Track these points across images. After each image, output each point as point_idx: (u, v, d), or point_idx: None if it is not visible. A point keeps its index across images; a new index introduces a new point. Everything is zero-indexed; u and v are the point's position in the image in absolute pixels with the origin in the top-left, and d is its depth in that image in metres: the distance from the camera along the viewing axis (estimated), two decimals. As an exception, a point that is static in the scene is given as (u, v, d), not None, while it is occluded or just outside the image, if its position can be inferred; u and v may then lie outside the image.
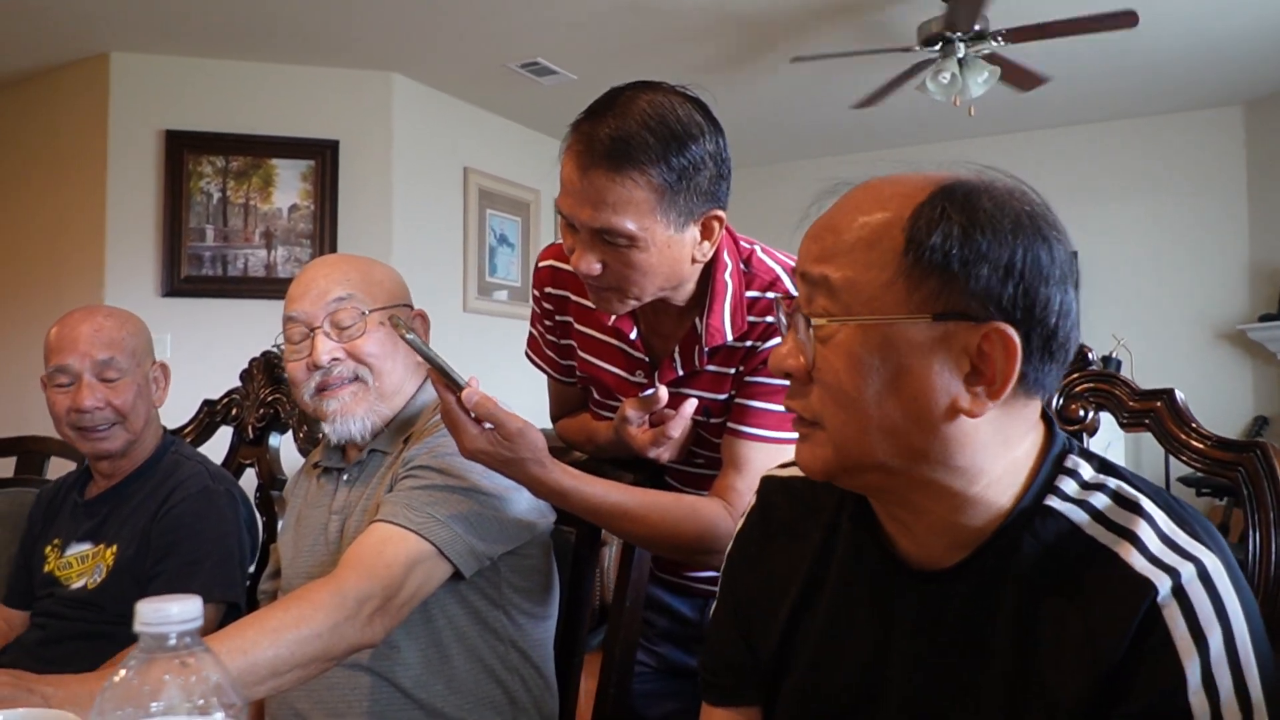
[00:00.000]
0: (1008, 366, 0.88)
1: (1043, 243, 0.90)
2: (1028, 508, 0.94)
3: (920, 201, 0.91)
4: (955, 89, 4.58)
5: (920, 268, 0.89)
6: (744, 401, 1.58)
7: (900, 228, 0.90)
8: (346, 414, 1.62)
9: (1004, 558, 0.93)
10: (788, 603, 1.10)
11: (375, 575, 1.40)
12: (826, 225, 0.96)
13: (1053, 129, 6.86)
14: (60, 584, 2.03)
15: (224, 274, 5.30)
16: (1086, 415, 1.54)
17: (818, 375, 0.94)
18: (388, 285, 1.70)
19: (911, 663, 0.98)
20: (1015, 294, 0.88)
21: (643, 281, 1.48)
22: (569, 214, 1.46)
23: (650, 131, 1.39)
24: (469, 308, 6.12)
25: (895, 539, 1.02)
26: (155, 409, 2.14)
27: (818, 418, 0.95)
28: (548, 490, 1.46)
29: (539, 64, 5.47)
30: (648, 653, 1.89)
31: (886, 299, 0.90)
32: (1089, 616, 0.87)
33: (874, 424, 0.91)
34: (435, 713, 1.55)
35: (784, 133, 6.86)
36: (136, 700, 0.71)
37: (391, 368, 1.65)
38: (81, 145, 5.31)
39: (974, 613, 0.94)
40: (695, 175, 1.42)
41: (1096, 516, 0.92)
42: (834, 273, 0.92)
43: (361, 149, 5.52)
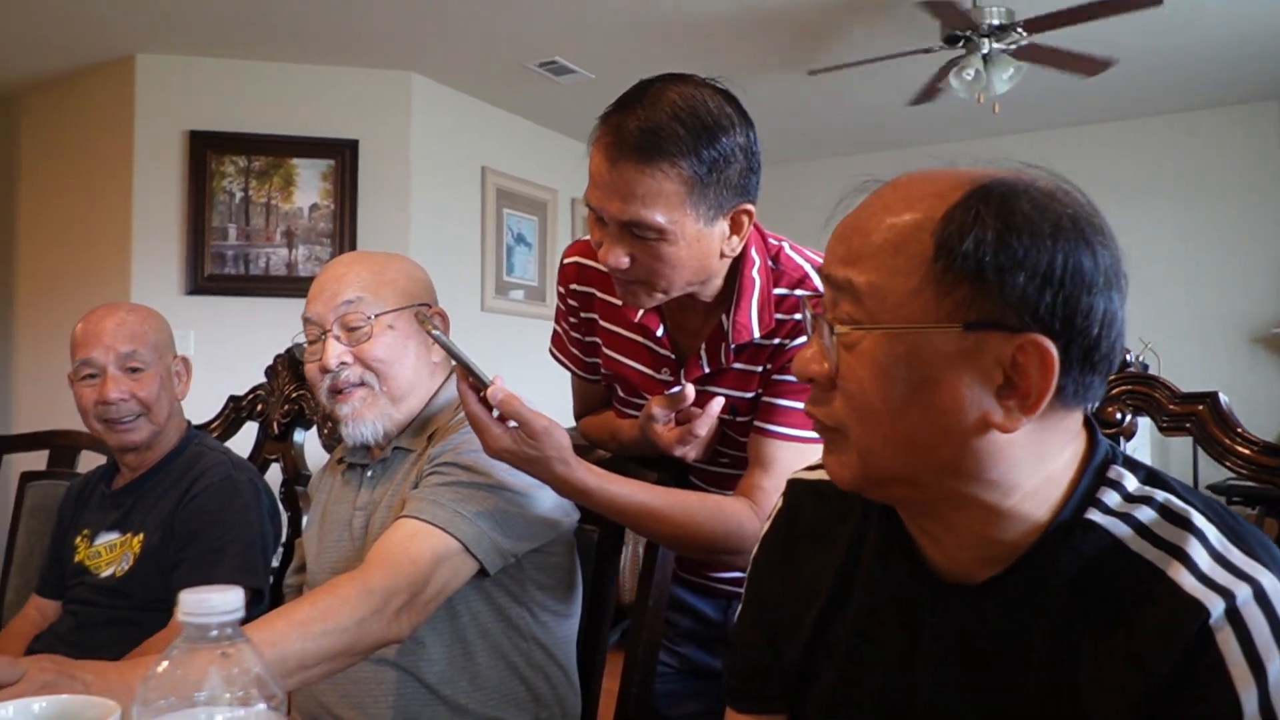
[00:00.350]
0: (1043, 380, 0.83)
1: (1085, 248, 0.84)
2: (1066, 521, 0.89)
3: (953, 203, 0.86)
4: (980, 85, 4.52)
5: (951, 274, 0.84)
6: (771, 400, 1.57)
7: (930, 231, 0.85)
8: (358, 418, 1.63)
9: (1041, 574, 0.89)
10: (814, 609, 1.07)
11: (402, 571, 1.41)
12: (853, 226, 0.91)
13: (1080, 126, 6.77)
14: (90, 573, 2.07)
15: (246, 272, 5.32)
16: (1124, 419, 1.49)
17: (841, 383, 0.90)
18: (402, 285, 1.68)
19: (940, 678, 0.94)
20: (1054, 303, 0.83)
21: (671, 275, 1.47)
22: (597, 206, 1.45)
23: (680, 123, 1.38)
24: (486, 307, 6.13)
25: (925, 550, 0.98)
26: (177, 402, 2.17)
27: (841, 426, 0.92)
28: (572, 489, 1.45)
29: (557, 63, 5.47)
30: (670, 653, 1.89)
31: (914, 306, 0.85)
32: (1133, 638, 0.82)
33: (899, 436, 0.87)
34: (459, 708, 1.56)
35: (809, 131, 6.85)
36: (179, 690, 0.72)
37: (399, 371, 1.64)
38: (108, 146, 5.35)
39: (1008, 630, 0.90)
40: (725, 168, 1.41)
41: (1142, 531, 0.87)
42: (859, 277, 0.88)
43: (381, 148, 5.54)
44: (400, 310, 1.65)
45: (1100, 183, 7.00)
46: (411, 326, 1.65)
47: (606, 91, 1.51)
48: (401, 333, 1.64)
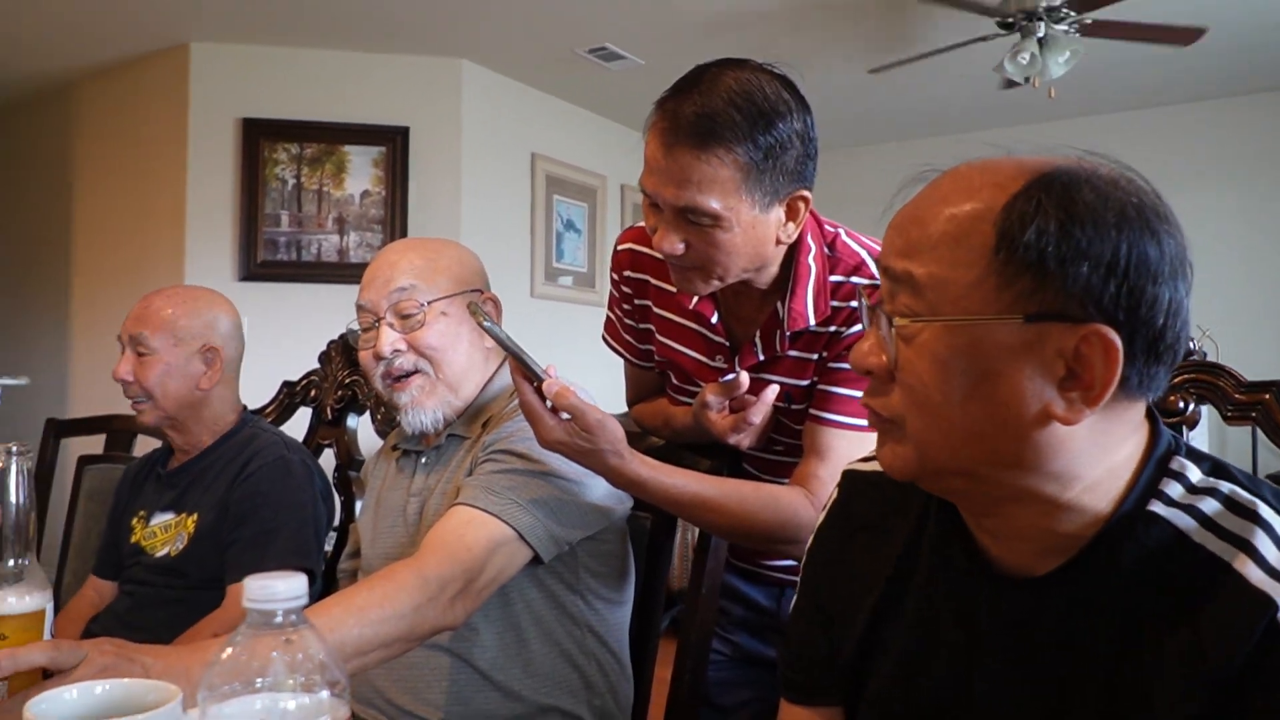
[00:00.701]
0: (1107, 372, 0.81)
1: (1150, 236, 0.82)
2: (1129, 513, 0.87)
3: (1014, 193, 0.84)
4: (1034, 69, 4.43)
5: (1012, 266, 0.82)
6: (827, 388, 1.56)
7: (991, 222, 0.84)
8: (418, 406, 1.63)
9: (1102, 567, 0.87)
10: (870, 602, 1.06)
11: (457, 558, 1.41)
12: (912, 217, 0.90)
13: (1134, 111, 6.67)
14: (146, 553, 2.10)
15: (298, 259, 5.37)
16: (1187, 407, 1.45)
17: (900, 375, 0.89)
18: (455, 271, 1.68)
19: (999, 673, 0.93)
20: (1118, 293, 0.81)
21: (726, 262, 1.46)
22: (652, 193, 1.44)
23: (737, 109, 1.37)
24: (536, 293, 6.14)
25: (984, 544, 0.96)
26: (200, 390, 2.13)
27: (898, 418, 0.91)
28: (626, 481, 1.45)
29: (607, 49, 5.46)
30: (723, 641, 1.89)
31: (974, 298, 0.84)
32: (1199, 633, 0.81)
33: (958, 429, 0.86)
34: (512, 695, 1.56)
35: (862, 116, 6.79)
36: (243, 675, 0.73)
37: (453, 358, 1.64)
38: (162, 134, 5.41)
39: (1068, 624, 0.89)
40: (782, 154, 1.40)
41: (1206, 523, 0.85)
42: (918, 269, 0.87)
43: (431, 135, 5.56)
44: (453, 297, 1.65)
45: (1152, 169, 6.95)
46: (465, 313, 1.64)
47: (656, 78, 1.49)
48: (455, 319, 1.64)
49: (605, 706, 1.63)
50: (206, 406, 2.16)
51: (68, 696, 0.89)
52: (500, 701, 1.56)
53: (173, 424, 2.15)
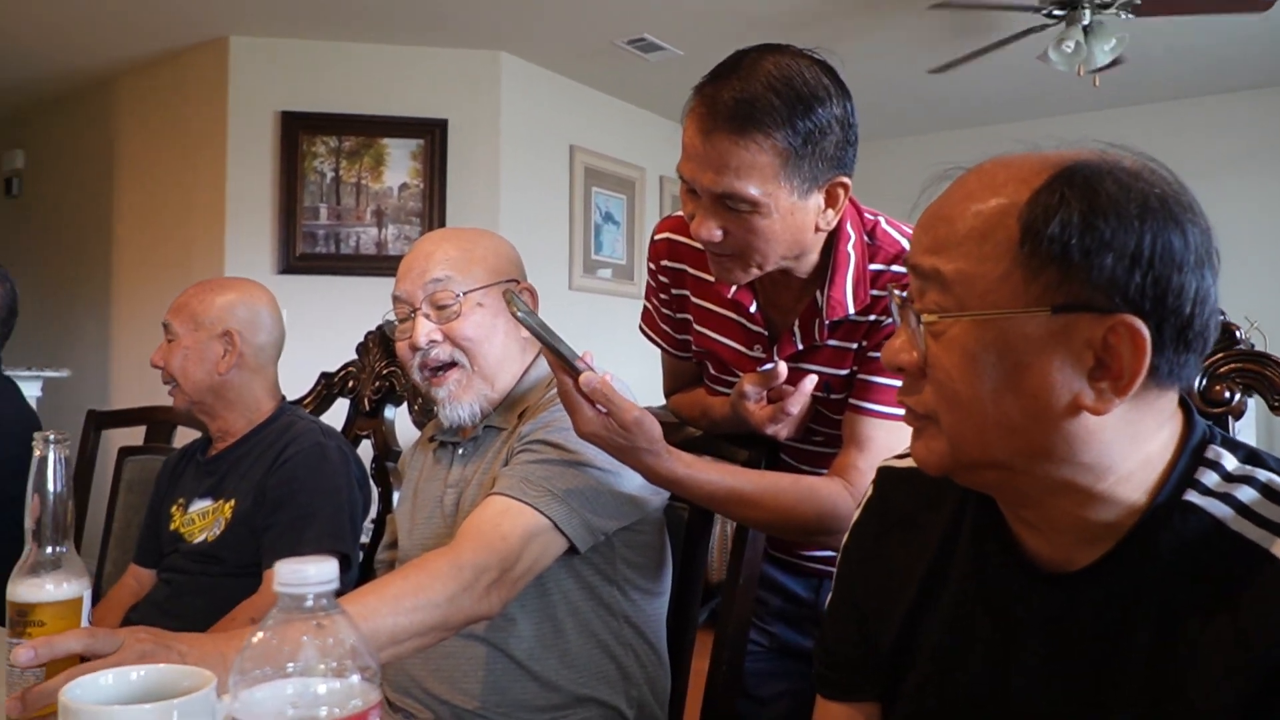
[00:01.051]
0: (1135, 361, 0.82)
1: (1175, 226, 0.84)
2: (1165, 503, 0.88)
3: (1037, 187, 0.85)
4: (1079, 58, 4.38)
5: (1038, 259, 0.83)
6: (867, 377, 1.54)
7: (1015, 216, 0.85)
8: (455, 400, 1.63)
9: (1139, 558, 0.88)
10: (907, 598, 1.07)
11: (492, 548, 1.41)
12: (938, 214, 0.91)
13: (1185, 99, 6.58)
14: (184, 540, 2.11)
15: (337, 251, 5.40)
16: (1233, 398, 1.42)
17: (931, 371, 0.90)
18: (491, 262, 1.68)
19: (1037, 667, 0.93)
20: (1144, 283, 0.82)
21: (765, 249, 1.44)
22: (690, 179, 1.43)
23: (776, 94, 1.36)
24: (574, 285, 6.15)
25: (1022, 538, 0.97)
26: (219, 374, 2.15)
27: (931, 413, 0.92)
28: (662, 480, 1.45)
29: (646, 40, 5.45)
30: (760, 632, 1.88)
31: (1002, 292, 0.85)
32: (1239, 619, 0.81)
33: (990, 422, 0.87)
34: (549, 685, 1.56)
35: (905, 107, 6.75)
36: (274, 660, 0.72)
37: (488, 349, 1.64)
38: (202, 127, 5.46)
39: (1107, 617, 0.89)
40: (821, 140, 1.38)
41: (1243, 511, 0.85)
42: (946, 265, 0.88)
43: (470, 127, 5.57)
44: (488, 287, 1.65)
45: (1199, 158, 6.85)
46: (501, 303, 1.64)
47: (696, 69, 1.48)
48: (490, 310, 1.64)
49: (642, 697, 1.62)
50: (232, 391, 2.17)
51: (103, 681, 0.90)
52: (537, 692, 1.55)
53: (201, 409, 2.19)
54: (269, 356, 2.23)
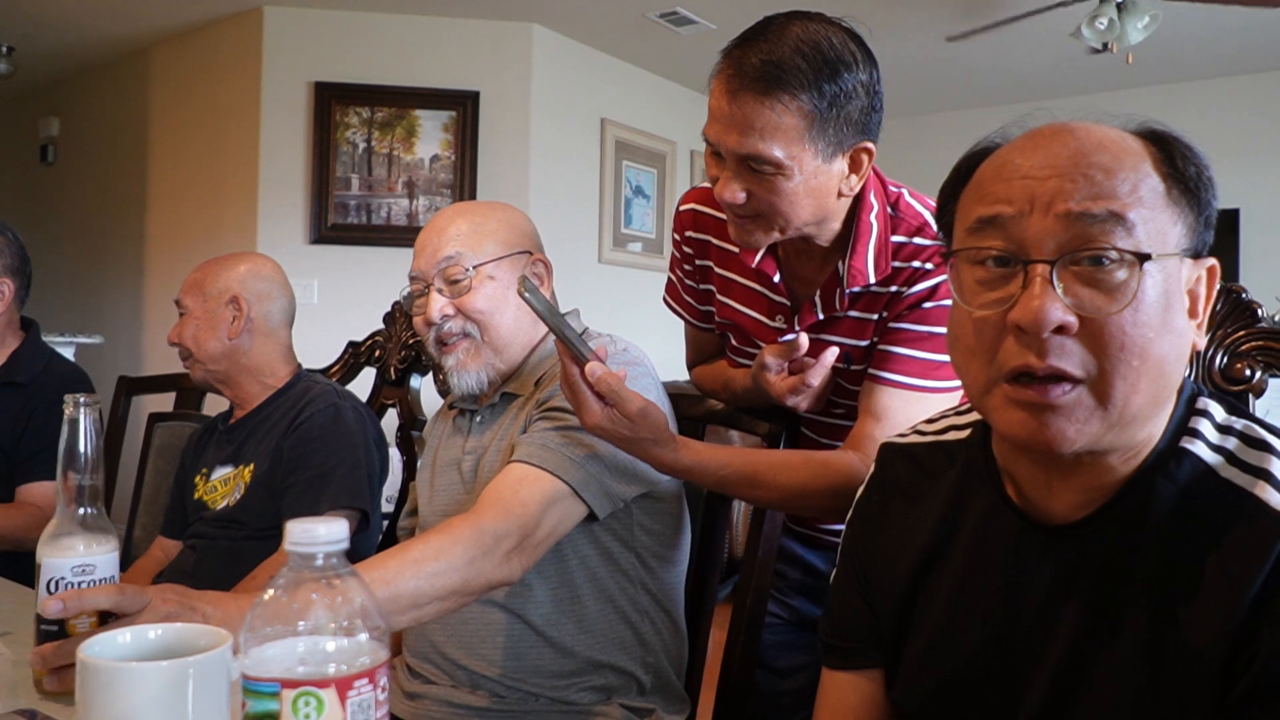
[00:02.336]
0: (1209, 301, 0.92)
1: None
2: (1165, 450, 0.93)
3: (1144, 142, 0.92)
4: (1113, 34, 4.34)
5: (1182, 205, 0.90)
6: (887, 348, 1.53)
7: (1157, 163, 0.90)
8: (463, 369, 1.65)
9: (1140, 504, 0.92)
10: (910, 563, 1.09)
11: (512, 514, 1.41)
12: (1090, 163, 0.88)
13: (1214, 79, 6.52)
14: (207, 507, 2.15)
15: (368, 222, 5.42)
16: (1254, 375, 1.40)
17: (1097, 323, 0.86)
18: (503, 235, 1.68)
19: (1047, 618, 0.96)
20: (1208, 236, 0.92)
21: (788, 212, 1.44)
22: (715, 140, 1.43)
23: (803, 57, 1.36)
24: (604, 259, 6.15)
25: (1029, 494, 0.99)
26: (230, 340, 2.19)
27: (1093, 370, 0.87)
28: (671, 469, 1.46)
29: (678, 13, 5.42)
30: (779, 604, 1.88)
31: (1166, 234, 0.88)
32: (1225, 557, 0.86)
33: (1154, 366, 0.87)
34: (566, 651, 1.57)
35: (937, 83, 6.69)
36: (285, 618, 0.73)
37: (500, 320, 1.64)
38: (236, 98, 5.49)
39: (1110, 563, 0.92)
40: (846, 104, 1.39)
41: (1229, 458, 0.91)
42: (1123, 208, 0.87)
43: (501, 100, 5.57)
44: (499, 260, 1.66)
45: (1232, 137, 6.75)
46: (513, 276, 1.65)
47: (727, 42, 1.48)
48: (502, 283, 1.65)
49: (659, 665, 1.63)
50: (245, 356, 2.21)
51: (121, 640, 0.91)
52: (554, 657, 1.56)
53: (218, 377, 2.23)
54: (279, 321, 2.26)
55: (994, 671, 1.00)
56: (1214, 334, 1.43)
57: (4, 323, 2.51)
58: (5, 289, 2.48)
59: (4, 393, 2.45)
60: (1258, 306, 1.43)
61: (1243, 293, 1.43)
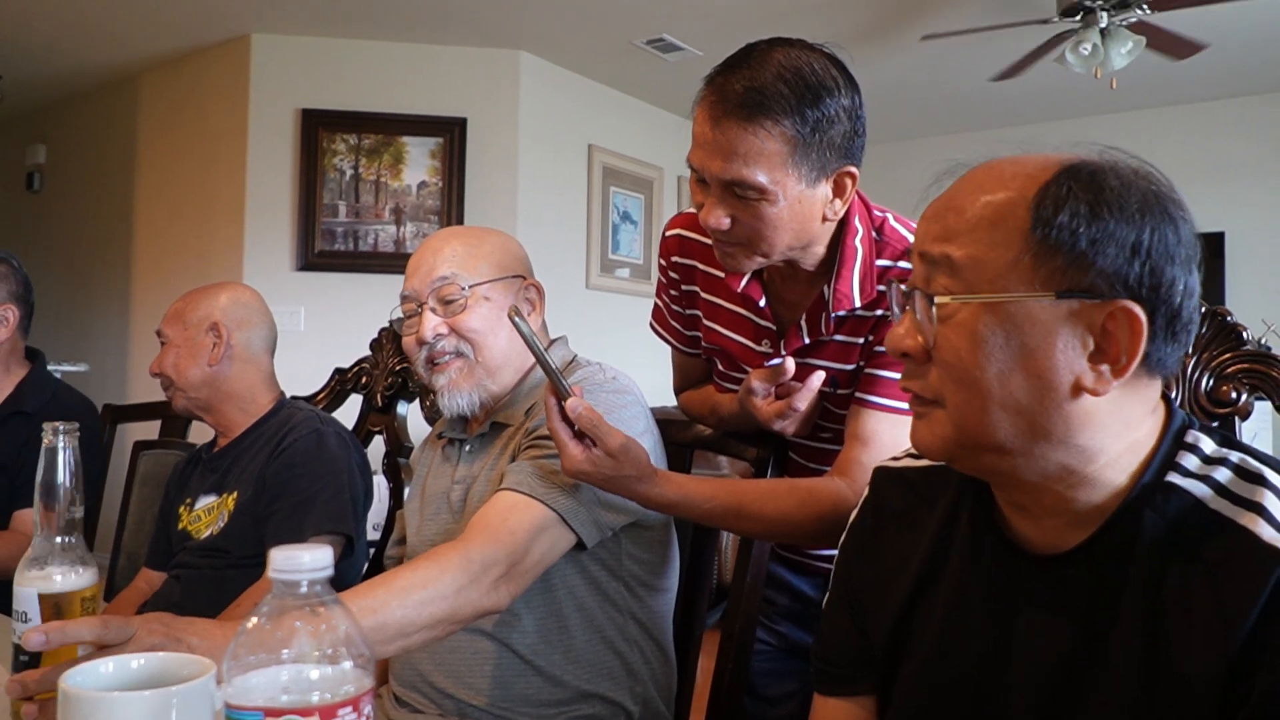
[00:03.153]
0: (1132, 345, 0.88)
1: (1169, 222, 0.90)
2: (1149, 484, 0.93)
3: (1046, 180, 0.91)
4: (1096, 60, 4.39)
5: (1046, 246, 0.88)
6: (873, 371, 1.53)
7: (1026, 206, 0.90)
8: (454, 388, 1.64)
9: (1127, 536, 0.92)
10: (903, 589, 1.10)
11: (500, 541, 1.41)
12: (948, 205, 0.95)
13: (1200, 103, 6.56)
14: (191, 537, 2.14)
15: (355, 249, 5.42)
16: (1239, 398, 1.42)
17: (938, 354, 0.94)
18: (498, 258, 1.69)
19: (1035, 649, 0.96)
20: (1142, 273, 0.88)
21: (772, 237, 1.45)
22: (699, 166, 1.44)
23: (785, 83, 1.37)
24: (592, 284, 6.16)
25: (1014, 523, 1.01)
26: (211, 366, 2.18)
27: (938, 397, 0.95)
28: (656, 504, 1.46)
29: (665, 40, 5.45)
30: (769, 631, 1.87)
31: (1011, 277, 0.89)
32: (1218, 590, 0.85)
33: (996, 402, 0.91)
34: (554, 680, 1.55)
35: (914, 108, 6.74)
36: (268, 646, 0.72)
37: (493, 342, 1.64)
38: (223, 124, 5.49)
39: (1098, 594, 0.93)
40: (829, 129, 1.40)
41: (1220, 491, 0.90)
42: (956, 251, 0.92)
43: (489, 126, 5.58)
44: (494, 282, 1.66)
45: (1217, 161, 6.79)
46: (506, 299, 1.65)
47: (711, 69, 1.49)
48: (497, 304, 1.65)
49: (647, 694, 1.62)
50: (225, 383, 2.21)
51: (103, 669, 0.89)
52: (542, 686, 1.55)
53: (199, 405, 2.23)
54: (260, 349, 2.26)
55: (984, 698, 1.00)
56: (1199, 356, 1.44)
57: (8, 350, 2.54)
58: (10, 315, 2.51)
59: (12, 422, 2.47)
60: (1243, 329, 1.45)
61: (1228, 315, 1.44)
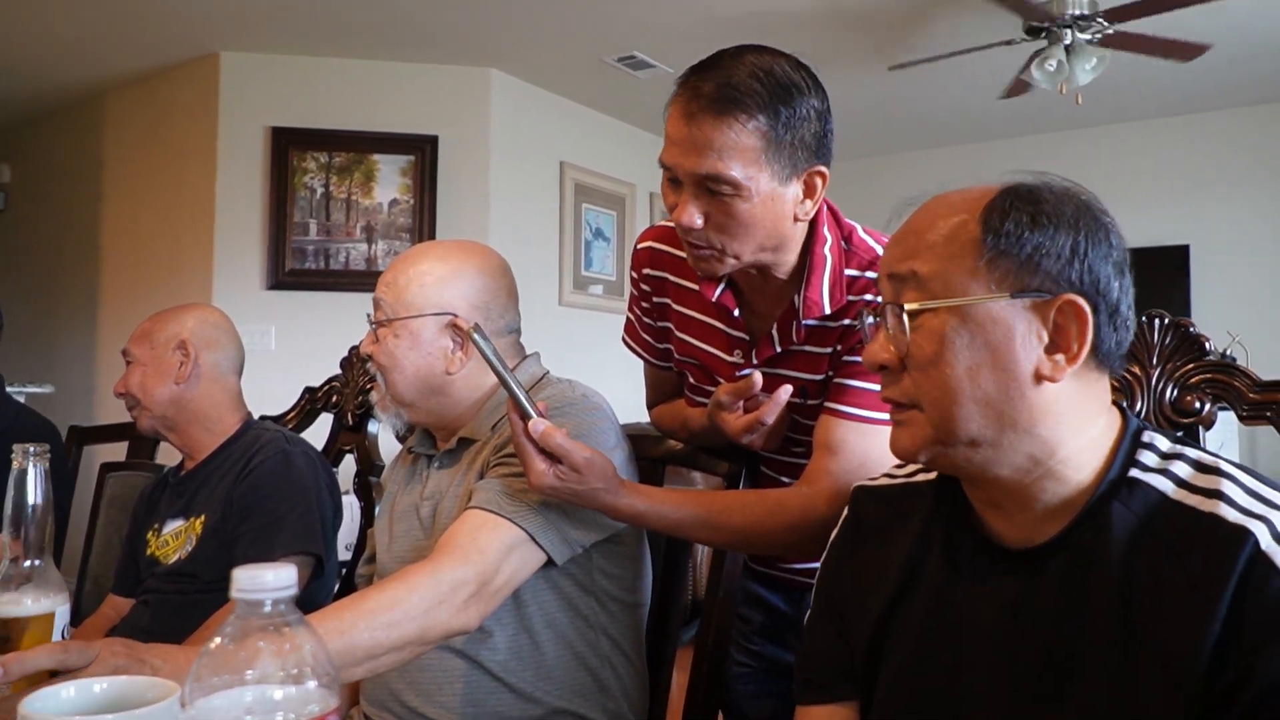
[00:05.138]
0: (1080, 334, 0.98)
1: (1100, 229, 1.02)
2: (1114, 480, 1.00)
3: (990, 199, 1.03)
4: (1062, 76, 4.44)
5: (997, 253, 1.00)
6: (842, 380, 1.54)
7: (976, 222, 1.02)
8: (380, 408, 1.69)
9: (1095, 529, 0.99)
10: (883, 594, 1.14)
11: (470, 561, 1.40)
12: (909, 230, 1.07)
13: (1164, 118, 6.61)
14: (160, 562, 2.12)
15: (326, 267, 5.39)
16: (1203, 408, 1.44)
17: (911, 360, 1.03)
18: (432, 294, 1.64)
19: (1015, 646, 1.01)
20: (1081, 271, 0.99)
21: (744, 235, 1.46)
22: (672, 164, 1.45)
23: (758, 80, 1.40)
24: (564, 301, 6.15)
25: (989, 521, 1.08)
26: (178, 385, 2.18)
27: (915, 399, 1.04)
28: (624, 517, 1.46)
29: (635, 58, 5.46)
30: (746, 653, 1.88)
31: (970, 283, 1.01)
32: (1190, 574, 0.91)
33: (968, 396, 1.00)
34: (525, 697, 1.55)
35: (888, 125, 6.75)
36: (232, 667, 0.71)
37: (397, 378, 1.64)
38: (192, 143, 5.45)
39: (1071, 586, 0.99)
40: (800, 127, 1.42)
41: (1181, 484, 0.98)
42: (921, 267, 1.03)
43: (460, 144, 5.57)
44: (409, 319, 1.63)
45: (1184, 175, 6.86)
46: (422, 337, 1.63)
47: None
48: (407, 342, 1.63)
49: (620, 710, 1.61)
50: (192, 403, 2.20)
51: (65, 694, 0.89)
52: (513, 703, 1.54)
53: (165, 424, 2.22)
54: (227, 369, 2.25)
55: (964, 698, 1.03)
56: (1163, 367, 1.46)
57: None
58: None
59: None
60: (1205, 339, 1.47)
61: (1190, 326, 1.45)
